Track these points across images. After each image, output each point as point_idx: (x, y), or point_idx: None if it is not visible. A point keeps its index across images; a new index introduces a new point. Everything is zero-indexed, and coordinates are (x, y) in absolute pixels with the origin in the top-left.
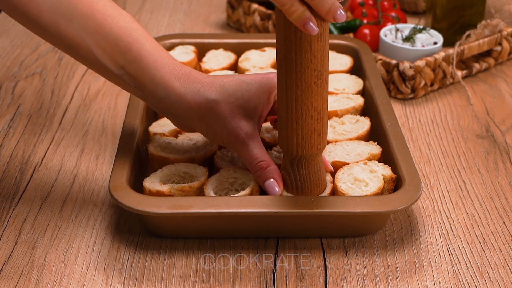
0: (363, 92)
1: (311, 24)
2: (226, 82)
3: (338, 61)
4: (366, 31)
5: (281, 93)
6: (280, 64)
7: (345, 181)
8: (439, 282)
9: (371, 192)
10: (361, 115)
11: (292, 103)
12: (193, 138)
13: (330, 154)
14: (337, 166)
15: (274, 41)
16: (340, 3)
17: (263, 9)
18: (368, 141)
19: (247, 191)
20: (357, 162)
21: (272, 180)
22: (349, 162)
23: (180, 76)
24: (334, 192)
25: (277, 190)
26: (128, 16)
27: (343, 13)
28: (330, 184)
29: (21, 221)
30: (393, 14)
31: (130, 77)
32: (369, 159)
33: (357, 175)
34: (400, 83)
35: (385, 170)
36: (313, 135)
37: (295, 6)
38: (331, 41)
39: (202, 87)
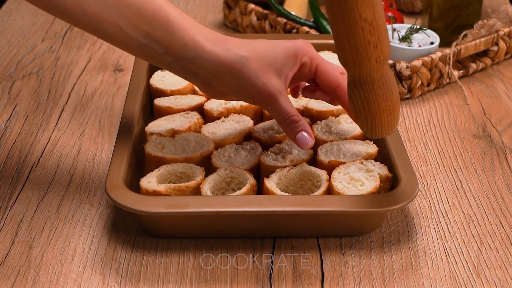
0: None
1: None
2: (254, 42)
3: (335, 61)
4: None
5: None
6: None
7: (341, 180)
8: (436, 282)
9: (367, 192)
10: None
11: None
12: (189, 138)
13: (326, 154)
14: (334, 165)
15: None
16: None
17: (259, 9)
18: (364, 140)
19: (243, 190)
20: (354, 161)
21: (303, 132)
22: (345, 161)
23: (209, 36)
24: (330, 191)
25: (309, 142)
26: None
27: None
28: (325, 182)
29: (17, 221)
30: (389, 14)
31: (157, 43)
32: (366, 158)
33: (353, 174)
34: (397, 83)
35: (381, 170)
36: (368, 48)
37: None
38: (327, 41)
39: (231, 46)
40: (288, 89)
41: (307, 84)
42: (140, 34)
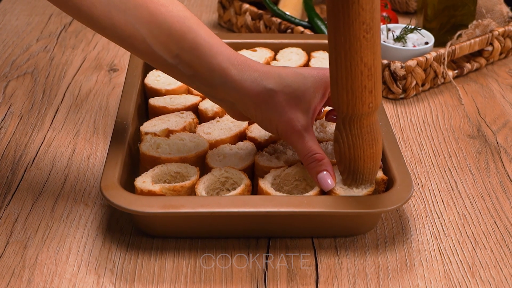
0: None
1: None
2: (283, 73)
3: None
4: None
5: (330, 47)
6: (329, 17)
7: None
8: (430, 282)
9: (361, 194)
10: None
11: (341, 58)
12: (184, 138)
13: None
14: None
15: (265, 40)
16: None
17: (254, 9)
18: None
19: (238, 190)
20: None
21: (325, 172)
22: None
23: (237, 64)
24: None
25: (330, 183)
26: (181, 5)
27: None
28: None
29: (12, 221)
30: (384, 14)
31: (185, 65)
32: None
33: None
34: (391, 83)
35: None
36: (363, 92)
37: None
38: (321, 41)
39: (259, 76)
40: (321, 115)
41: (331, 107)
42: (169, 54)
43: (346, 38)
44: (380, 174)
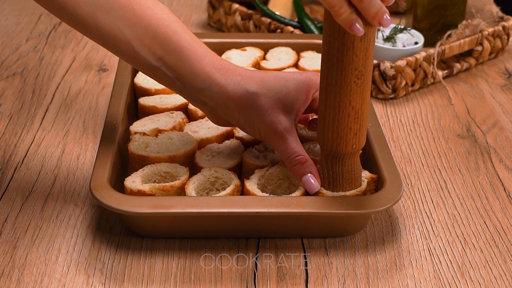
0: None
1: (357, 25)
2: (266, 76)
3: (319, 61)
4: None
5: (322, 88)
6: (323, 60)
7: None
8: (420, 282)
9: (350, 193)
10: None
11: (331, 100)
12: (173, 137)
13: (308, 152)
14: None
15: (255, 40)
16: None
17: (244, 9)
18: None
19: (228, 191)
20: None
21: (309, 174)
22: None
23: (220, 68)
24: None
25: (314, 184)
26: (166, 8)
27: (389, 18)
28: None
29: (1, 221)
30: None
31: (169, 68)
32: None
33: None
34: (381, 83)
35: (362, 173)
36: (348, 134)
37: (343, 8)
38: (311, 41)
39: (242, 80)
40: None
41: (315, 116)
42: (153, 56)
43: (338, 82)
44: (367, 174)
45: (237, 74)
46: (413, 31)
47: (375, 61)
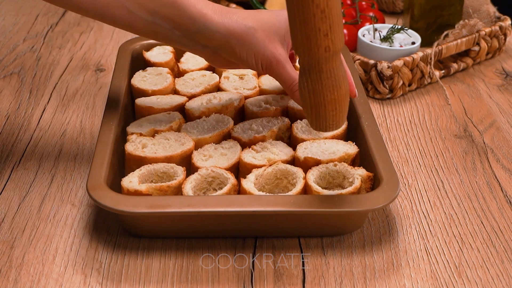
0: None
1: None
2: (258, 13)
3: None
4: (344, 31)
5: None
6: None
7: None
8: (417, 282)
9: (347, 191)
10: None
11: (293, 0)
12: (169, 137)
13: (305, 151)
14: (309, 162)
15: None
16: None
17: (241, 9)
18: (346, 140)
19: (225, 190)
20: (327, 162)
21: None
22: (321, 159)
23: (215, 9)
24: (307, 190)
25: None
26: None
27: None
28: (302, 180)
29: None
30: (371, 14)
31: (165, 20)
32: (343, 158)
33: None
34: (378, 83)
35: (359, 171)
36: (318, 35)
37: None
38: None
39: (239, 17)
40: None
41: None
42: (148, 13)
43: None
44: (364, 172)
45: (232, 13)
46: (410, 31)
47: (372, 61)
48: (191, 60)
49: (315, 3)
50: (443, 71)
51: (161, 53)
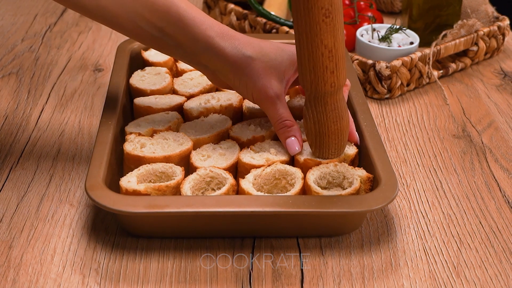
0: None
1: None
2: (263, 43)
3: None
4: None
5: (295, 30)
6: (293, 2)
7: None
8: (416, 282)
9: (346, 193)
10: None
11: (303, 40)
12: (168, 137)
13: (304, 152)
14: (309, 164)
15: None
16: None
17: (239, 9)
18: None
19: (223, 190)
20: (327, 163)
21: (293, 138)
22: (320, 161)
23: (219, 32)
24: (306, 190)
25: (296, 148)
26: None
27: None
28: (301, 180)
29: None
30: (369, 14)
31: (170, 37)
32: (342, 159)
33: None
34: (377, 83)
35: (359, 172)
36: (325, 73)
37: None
38: None
39: (239, 44)
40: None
41: None
42: (154, 28)
43: (307, 22)
44: (364, 173)
45: (235, 39)
46: (409, 31)
47: (370, 61)
48: None
49: (324, 43)
50: (441, 71)
51: (159, 53)
